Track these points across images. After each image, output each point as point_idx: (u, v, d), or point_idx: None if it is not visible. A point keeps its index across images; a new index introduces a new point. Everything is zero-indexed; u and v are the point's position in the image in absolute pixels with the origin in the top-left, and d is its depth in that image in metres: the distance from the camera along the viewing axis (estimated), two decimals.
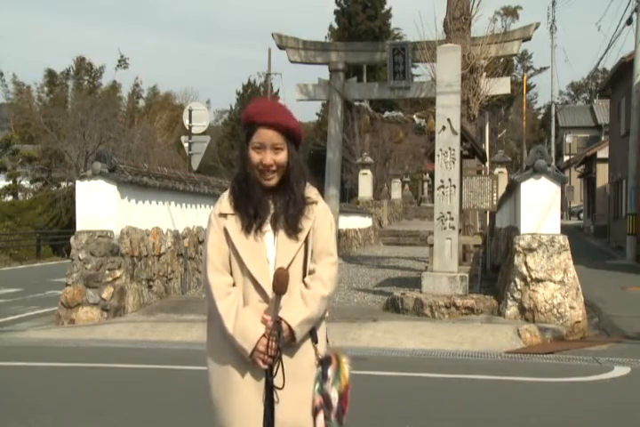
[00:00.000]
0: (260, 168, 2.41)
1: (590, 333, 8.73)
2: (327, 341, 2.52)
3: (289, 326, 2.32)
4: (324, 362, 2.39)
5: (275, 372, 2.31)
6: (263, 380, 2.35)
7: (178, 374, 6.36)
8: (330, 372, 2.36)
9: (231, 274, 2.44)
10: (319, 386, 2.36)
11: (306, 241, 2.44)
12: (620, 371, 6.51)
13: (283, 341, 2.31)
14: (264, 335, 2.31)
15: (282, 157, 2.41)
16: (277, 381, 2.31)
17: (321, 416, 2.33)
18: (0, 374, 6.61)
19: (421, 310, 8.95)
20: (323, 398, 2.34)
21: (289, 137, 2.42)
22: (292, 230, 2.42)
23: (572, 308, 8.51)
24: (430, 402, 5.50)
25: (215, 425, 2.44)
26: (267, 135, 2.39)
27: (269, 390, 2.33)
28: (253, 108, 2.45)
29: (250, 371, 2.35)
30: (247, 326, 2.33)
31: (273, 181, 2.43)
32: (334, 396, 2.34)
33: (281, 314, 2.33)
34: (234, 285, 2.42)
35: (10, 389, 5.88)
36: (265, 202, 2.44)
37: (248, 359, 2.33)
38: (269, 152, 2.40)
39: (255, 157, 2.41)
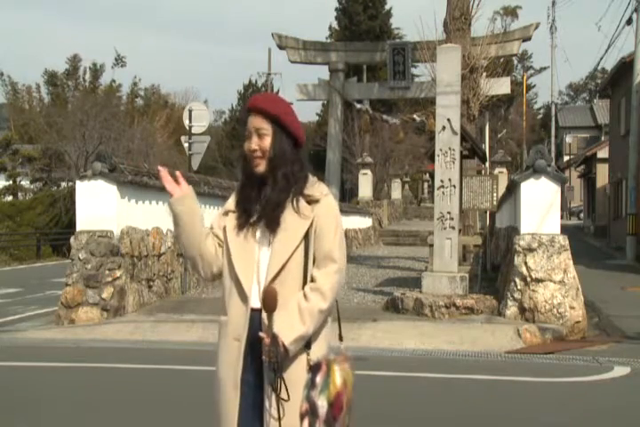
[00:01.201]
0: (248, 155, 2.43)
1: (590, 333, 8.73)
2: (341, 339, 2.48)
3: (283, 344, 2.27)
4: (313, 369, 2.32)
5: (278, 387, 2.29)
6: (238, 379, 2.35)
7: (178, 374, 6.35)
8: (318, 379, 2.28)
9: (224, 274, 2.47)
10: (306, 393, 2.29)
11: (307, 244, 2.37)
12: (619, 371, 6.51)
13: (281, 357, 2.28)
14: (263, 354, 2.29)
15: (266, 142, 2.41)
16: (282, 394, 2.30)
17: (305, 423, 2.27)
18: (0, 374, 6.61)
19: (421, 310, 8.95)
20: (309, 405, 2.27)
21: (275, 124, 2.41)
22: (281, 230, 2.37)
23: (572, 308, 8.51)
24: (430, 402, 5.50)
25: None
26: (252, 121, 2.42)
27: (276, 401, 2.32)
28: (249, 99, 2.51)
29: (231, 369, 2.37)
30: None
31: (260, 167, 2.42)
32: (322, 404, 2.26)
33: (276, 330, 2.28)
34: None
35: (10, 389, 5.88)
36: (258, 198, 2.45)
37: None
38: (254, 138, 2.41)
39: (245, 144, 2.45)
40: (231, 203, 2.49)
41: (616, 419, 5.11)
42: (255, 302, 2.37)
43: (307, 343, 2.37)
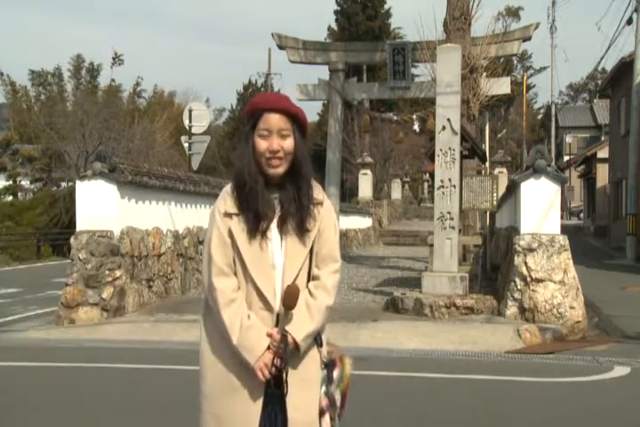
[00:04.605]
0: (266, 155, 2.35)
1: (590, 333, 8.73)
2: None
3: (294, 340, 2.31)
4: (329, 365, 2.42)
5: (284, 383, 2.33)
6: (263, 384, 2.36)
7: (178, 374, 6.35)
8: (335, 375, 2.40)
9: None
10: (325, 388, 2.39)
11: (312, 244, 2.40)
12: (619, 371, 6.51)
13: (288, 354, 2.31)
14: (268, 348, 2.31)
15: (289, 143, 2.36)
16: (284, 391, 2.34)
17: (327, 417, 2.38)
18: (0, 374, 6.61)
19: (421, 310, 8.95)
20: (329, 399, 2.38)
21: (295, 124, 2.38)
22: (300, 233, 2.36)
23: (572, 308, 8.51)
24: (430, 402, 5.50)
25: (206, 420, 2.44)
26: (273, 120, 2.35)
27: (278, 400, 2.35)
28: (258, 97, 2.45)
29: (251, 374, 2.34)
30: (251, 340, 2.31)
31: (280, 168, 2.36)
32: (338, 397, 2.40)
33: (287, 327, 2.32)
34: (239, 288, 2.38)
35: (10, 389, 5.88)
36: (271, 201, 2.37)
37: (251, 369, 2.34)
38: (276, 138, 2.35)
39: (261, 144, 2.35)
40: (231, 204, 2.38)
41: (616, 419, 5.10)
42: (279, 307, 2.37)
43: (319, 342, 2.43)
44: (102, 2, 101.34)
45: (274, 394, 2.35)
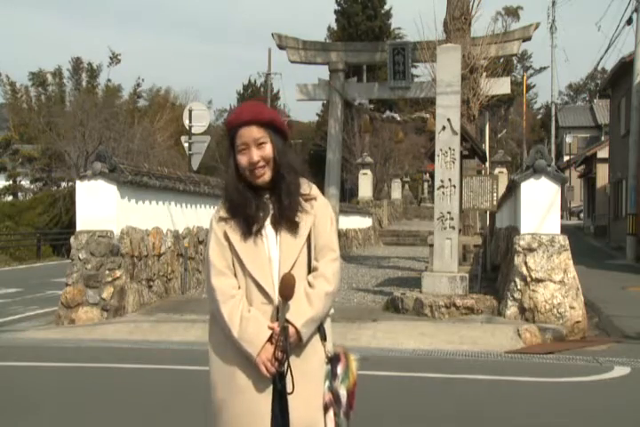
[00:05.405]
0: (249, 168, 2.40)
1: (590, 333, 8.73)
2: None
3: (295, 328, 2.33)
4: (333, 360, 2.42)
5: (285, 376, 2.33)
6: (270, 379, 2.36)
7: (178, 374, 6.36)
8: (339, 370, 2.40)
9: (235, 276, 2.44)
10: (329, 384, 2.39)
11: (308, 239, 2.44)
12: (619, 371, 6.51)
13: (290, 346, 2.32)
14: (269, 341, 2.32)
15: (267, 150, 2.40)
16: (287, 385, 2.33)
17: (331, 413, 2.38)
18: (0, 374, 6.61)
19: (421, 310, 8.95)
20: (332, 395, 2.38)
21: (270, 129, 2.42)
22: (294, 226, 2.41)
23: (572, 308, 8.51)
24: (430, 402, 5.50)
25: (217, 423, 2.44)
26: (247, 133, 2.39)
27: (279, 394, 2.35)
28: (232, 114, 2.49)
29: (255, 370, 2.35)
30: (250, 332, 2.33)
31: (266, 176, 2.42)
32: (343, 393, 2.39)
33: (287, 316, 2.34)
34: (239, 287, 2.42)
35: (10, 389, 5.88)
36: (261, 204, 2.43)
37: (254, 364, 2.35)
38: (254, 149, 2.40)
39: (242, 159, 2.41)
40: (224, 212, 2.46)
41: (616, 419, 5.11)
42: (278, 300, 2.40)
43: (323, 336, 2.44)
44: (103, 2, 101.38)
45: (279, 390, 2.36)
